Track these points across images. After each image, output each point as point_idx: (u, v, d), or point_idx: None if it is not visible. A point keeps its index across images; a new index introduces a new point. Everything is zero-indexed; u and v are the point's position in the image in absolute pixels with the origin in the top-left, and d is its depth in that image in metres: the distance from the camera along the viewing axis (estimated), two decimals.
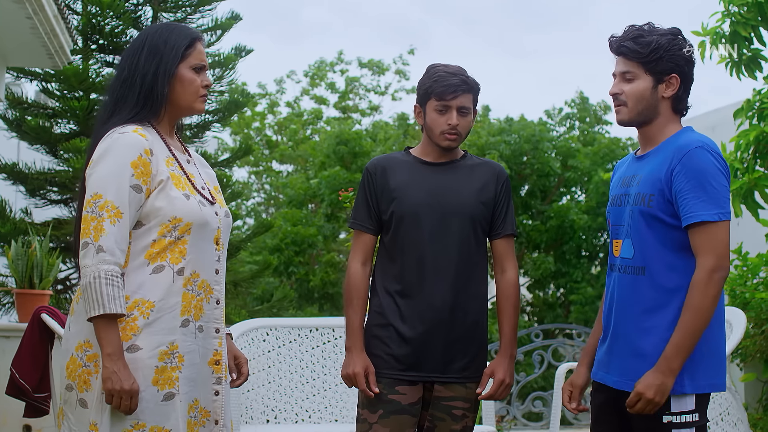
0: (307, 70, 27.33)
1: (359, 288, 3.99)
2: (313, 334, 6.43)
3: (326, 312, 19.57)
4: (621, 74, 3.58)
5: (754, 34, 6.93)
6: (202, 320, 3.35)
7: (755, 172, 6.68)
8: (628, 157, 3.78)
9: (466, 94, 3.92)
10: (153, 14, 9.81)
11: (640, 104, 3.55)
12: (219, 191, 3.57)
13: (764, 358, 6.81)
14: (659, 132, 3.58)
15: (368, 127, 22.87)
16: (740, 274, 7.09)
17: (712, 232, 3.38)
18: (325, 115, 26.79)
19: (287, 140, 25.96)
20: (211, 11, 10.00)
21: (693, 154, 3.42)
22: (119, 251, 3.20)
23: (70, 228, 9.02)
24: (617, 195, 3.67)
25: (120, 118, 3.34)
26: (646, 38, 3.53)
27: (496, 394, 3.93)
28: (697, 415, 3.44)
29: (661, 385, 3.36)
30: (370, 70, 27.23)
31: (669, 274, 3.46)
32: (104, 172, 3.24)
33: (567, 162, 18.66)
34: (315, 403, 6.33)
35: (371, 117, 26.91)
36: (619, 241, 3.60)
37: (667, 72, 3.53)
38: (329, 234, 20.24)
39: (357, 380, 3.89)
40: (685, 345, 3.36)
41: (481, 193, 3.94)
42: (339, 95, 27.05)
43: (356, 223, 4.03)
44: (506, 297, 3.97)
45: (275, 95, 27.39)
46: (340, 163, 19.50)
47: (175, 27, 3.45)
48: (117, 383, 3.12)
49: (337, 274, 19.65)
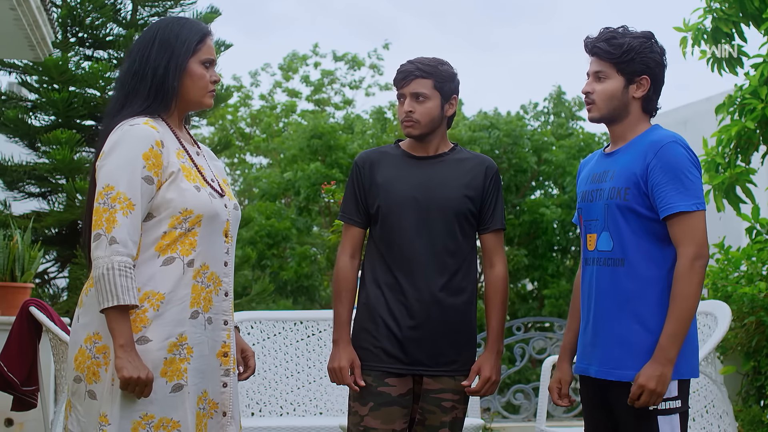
0: (282, 63, 27.25)
1: (347, 281, 4.01)
2: (297, 327, 6.44)
3: (300, 305, 19.56)
4: (594, 74, 3.69)
5: (736, 31, 7.00)
6: (211, 312, 3.37)
7: (737, 167, 6.75)
8: (595, 154, 3.88)
9: (420, 79, 3.92)
10: (133, 7, 9.77)
11: (611, 103, 3.66)
12: (228, 184, 3.58)
13: (744, 351, 6.88)
14: (629, 129, 3.69)
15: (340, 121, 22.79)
16: (722, 268, 7.15)
17: (690, 221, 3.50)
18: (299, 108, 26.72)
19: (261, 133, 25.89)
20: (192, 5, 9.97)
21: (668, 149, 3.53)
22: (132, 243, 3.21)
23: (49, 220, 8.99)
24: (588, 191, 3.76)
25: (131, 110, 3.35)
26: (619, 40, 3.63)
27: (482, 390, 3.95)
28: (680, 402, 3.54)
29: (661, 376, 3.44)
30: (345, 64, 27.17)
31: (647, 265, 3.56)
32: (116, 164, 3.24)
33: (541, 155, 18.74)
34: (300, 396, 6.35)
35: (344, 111, 26.86)
36: (594, 235, 3.69)
37: (638, 73, 3.64)
38: (303, 227, 20.23)
39: (342, 374, 3.91)
40: (679, 333, 3.45)
41: (468, 188, 3.94)
42: (313, 88, 26.97)
43: (345, 216, 4.05)
44: (494, 292, 3.99)
45: (249, 88, 27.31)
46: (313, 157, 19.47)
47: (186, 21, 3.46)
48: (134, 371, 3.13)
49: (311, 267, 19.64)
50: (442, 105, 3.96)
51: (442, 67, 3.95)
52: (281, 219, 19.65)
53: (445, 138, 4.05)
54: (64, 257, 9.40)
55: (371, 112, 22.60)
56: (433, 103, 3.94)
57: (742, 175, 6.71)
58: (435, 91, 3.94)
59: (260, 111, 26.63)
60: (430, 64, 3.94)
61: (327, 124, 20.31)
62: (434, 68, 3.93)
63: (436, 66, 3.94)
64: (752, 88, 6.63)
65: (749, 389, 7.00)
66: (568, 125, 21.02)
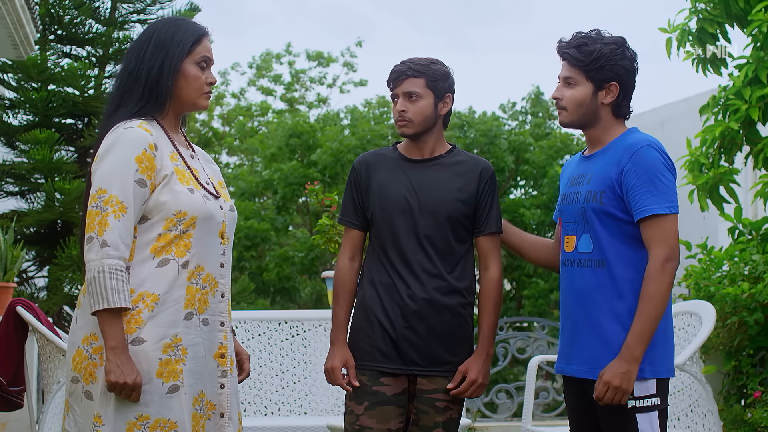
0: (251, 61, 27.18)
1: (345, 282, 4.03)
2: (281, 327, 6.45)
3: (279, 305, 19.55)
4: (564, 79, 3.73)
5: (720, 31, 7.04)
6: (207, 313, 3.36)
7: (720, 167, 6.80)
8: (576, 157, 3.92)
9: (412, 78, 3.93)
10: (112, 5, 9.71)
11: (580, 109, 3.70)
12: (224, 186, 3.59)
13: (726, 350, 6.92)
14: (604, 134, 3.73)
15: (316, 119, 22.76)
16: (704, 268, 7.20)
17: (663, 224, 3.55)
18: (272, 107, 26.68)
19: (235, 132, 25.83)
20: (171, 2, 9.92)
21: (642, 152, 3.57)
22: (123, 245, 3.21)
23: (29, 220, 8.93)
24: (567, 193, 3.81)
25: (126, 111, 3.35)
26: (589, 47, 3.66)
27: (466, 392, 3.94)
28: (659, 399, 3.59)
29: (627, 373, 3.50)
30: (318, 64, 27.15)
31: (624, 266, 3.61)
32: (109, 167, 3.25)
33: (520, 155, 18.80)
34: (284, 396, 6.35)
35: (320, 109, 26.85)
36: (573, 236, 3.74)
37: (608, 80, 3.67)
38: (281, 227, 20.21)
39: (334, 375, 3.94)
40: (645, 333, 3.51)
41: (461, 191, 3.94)
42: (285, 87, 26.94)
43: (344, 219, 4.08)
44: (487, 295, 3.99)
45: (220, 87, 27.23)
46: (292, 156, 19.44)
47: (183, 22, 3.46)
48: (120, 376, 3.14)
49: (290, 268, 19.62)
50: (435, 104, 3.96)
51: (435, 66, 3.97)
52: (260, 220, 19.62)
53: (442, 139, 4.06)
54: (43, 257, 9.35)
55: (346, 111, 22.59)
56: (425, 102, 3.94)
57: (725, 175, 6.75)
58: (428, 90, 3.95)
59: (234, 110, 26.56)
60: (422, 63, 3.96)
61: (306, 123, 20.29)
62: (426, 67, 3.95)
63: (428, 65, 3.96)
64: (736, 89, 6.68)
65: (730, 389, 7.05)
66: (546, 125, 21.10)
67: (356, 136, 18.67)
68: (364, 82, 27.41)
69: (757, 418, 6.31)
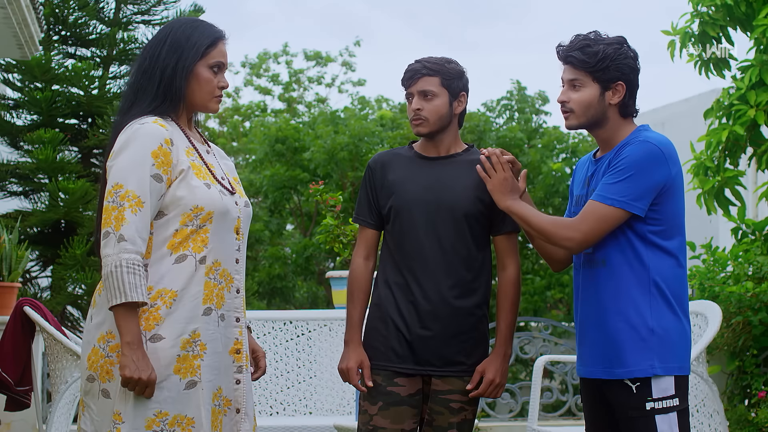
0: (245, 61, 27.12)
1: (360, 281, 4.01)
2: (287, 327, 6.45)
3: (275, 306, 19.52)
4: (569, 82, 3.68)
5: (723, 34, 7.06)
6: (224, 309, 3.36)
7: (726, 170, 6.81)
8: (587, 158, 3.89)
9: (426, 77, 3.93)
10: (116, 6, 9.75)
11: (588, 111, 3.66)
12: (238, 182, 3.58)
13: (730, 350, 6.94)
14: (614, 135, 3.70)
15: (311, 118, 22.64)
16: (709, 269, 7.22)
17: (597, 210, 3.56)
18: (270, 107, 26.65)
19: (229, 132, 25.78)
20: (176, 3, 9.95)
21: (628, 147, 3.58)
22: (140, 240, 3.20)
23: (33, 220, 8.95)
24: (581, 195, 3.78)
25: (140, 109, 3.35)
26: (593, 48, 3.63)
27: (485, 392, 3.92)
28: (678, 399, 3.54)
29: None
30: (317, 64, 27.11)
31: (627, 265, 3.58)
32: (125, 163, 3.25)
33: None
34: (289, 396, 6.36)
35: (317, 108, 26.79)
36: None
37: (614, 80, 3.64)
38: (275, 229, 20.19)
39: (349, 375, 3.92)
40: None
41: (479, 189, 3.90)
42: (283, 87, 26.90)
43: (358, 218, 4.06)
44: (504, 294, 3.97)
45: None
46: (279, 160, 19.39)
47: (200, 24, 3.45)
48: (135, 372, 3.13)
49: (283, 268, 19.59)
50: (450, 102, 3.96)
51: (449, 65, 3.96)
52: (254, 221, 19.60)
53: (458, 138, 4.04)
54: (47, 257, 9.36)
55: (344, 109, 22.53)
56: (441, 101, 3.94)
57: (732, 179, 6.78)
58: (442, 89, 3.94)
59: (228, 110, 26.50)
60: (437, 63, 3.95)
61: (290, 125, 20.20)
62: (441, 66, 3.95)
63: (443, 64, 3.96)
64: (740, 93, 6.69)
65: (734, 388, 7.06)
66: (533, 120, 21.02)
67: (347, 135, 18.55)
68: (362, 81, 27.37)
69: (762, 418, 6.32)
